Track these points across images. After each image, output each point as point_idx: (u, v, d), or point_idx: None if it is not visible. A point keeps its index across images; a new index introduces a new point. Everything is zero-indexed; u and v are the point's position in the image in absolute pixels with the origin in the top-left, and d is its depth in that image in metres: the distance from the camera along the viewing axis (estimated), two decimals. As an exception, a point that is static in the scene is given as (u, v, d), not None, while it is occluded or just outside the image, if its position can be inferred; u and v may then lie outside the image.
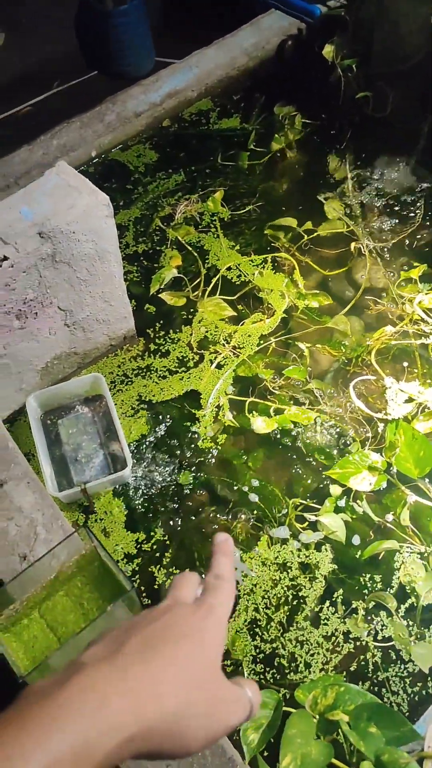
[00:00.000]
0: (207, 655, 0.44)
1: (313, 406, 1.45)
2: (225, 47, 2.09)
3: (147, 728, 0.39)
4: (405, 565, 1.25)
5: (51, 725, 0.36)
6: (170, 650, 0.43)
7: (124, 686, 0.39)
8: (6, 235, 1.20)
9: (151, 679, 0.40)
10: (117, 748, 0.38)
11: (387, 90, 1.81)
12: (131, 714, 0.38)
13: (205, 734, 0.43)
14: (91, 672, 0.40)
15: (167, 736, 0.40)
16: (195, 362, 1.52)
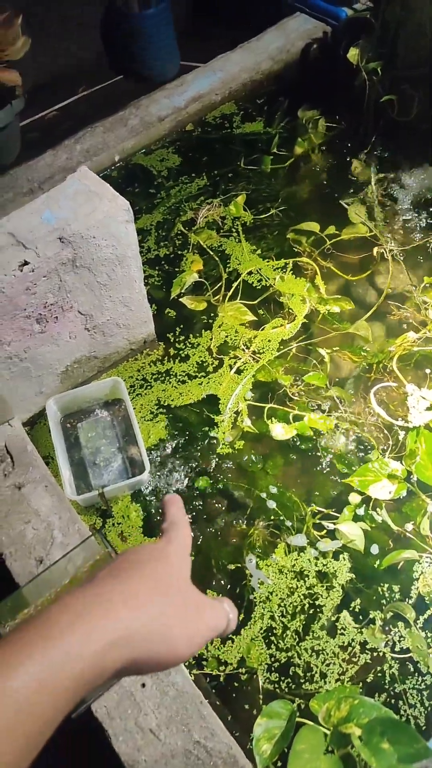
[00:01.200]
0: (176, 571, 0.48)
1: (332, 413, 1.44)
2: (250, 51, 2.09)
3: (127, 633, 0.41)
4: (424, 575, 1.23)
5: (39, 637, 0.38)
6: (139, 570, 0.45)
7: (100, 599, 0.41)
8: (27, 240, 1.21)
9: (126, 592, 0.43)
10: (101, 654, 0.39)
11: (412, 93, 1.78)
12: (109, 620, 0.40)
13: (189, 637, 0.45)
14: (67, 598, 0.41)
15: (151, 641, 0.42)
16: (214, 367, 1.51)
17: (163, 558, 0.48)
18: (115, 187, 1.81)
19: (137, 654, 0.42)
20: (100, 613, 0.41)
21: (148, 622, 0.42)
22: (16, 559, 1.09)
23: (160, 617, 0.43)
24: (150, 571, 0.46)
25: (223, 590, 1.24)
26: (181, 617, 0.45)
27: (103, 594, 0.42)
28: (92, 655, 0.39)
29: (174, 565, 0.48)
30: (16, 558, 1.09)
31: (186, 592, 0.48)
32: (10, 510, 1.15)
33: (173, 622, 0.44)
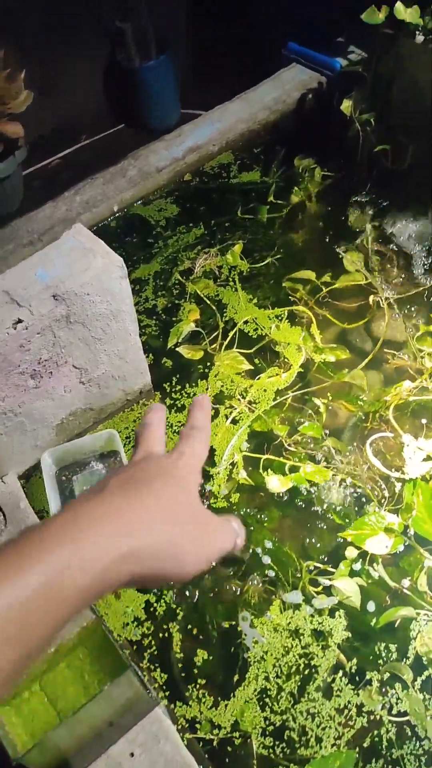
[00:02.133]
0: (185, 488, 0.46)
1: (329, 464, 1.43)
2: (246, 102, 2.13)
3: (138, 547, 0.40)
4: (422, 634, 1.21)
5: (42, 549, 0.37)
6: (149, 486, 0.44)
7: (111, 512, 0.41)
8: (21, 298, 1.23)
9: (136, 506, 0.42)
10: (108, 568, 0.39)
11: (405, 143, 1.81)
12: (121, 534, 0.40)
13: (196, 555, 0.45)
14: (77, 506, 0.41)
15: (159, 559, 0.42)
16: (210, 417, 1.51)
17: (174, 473, 0.47)
18: (114, 237, 1.86)
19: (144, 570, 0.41)
20: (109, 527, 0.40)
21: (157, 539, 0.42)
22: (6, 621, 1.08)
23: (169, 535, 0.43)
24: (160, 486, 0.45)
25: (216, 649, 1.22)
26: (190, 535, 0.45)
27: (114, 508, 0.41)
28: (100, 569, 0.39)
29: (184, 481, 0.47)
30: (6, 620, 1.08)
31: (195, 510, 0.47)
32: (2, 569, 1.14)
33: (182, 540, 0.44)
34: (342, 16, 2.00)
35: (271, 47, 2.27)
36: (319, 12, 2.25)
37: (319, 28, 2.18)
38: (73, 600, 0.38)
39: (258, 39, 2.61)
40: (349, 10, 1.76)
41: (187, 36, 2.79)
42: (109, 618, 1.25)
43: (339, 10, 2.03)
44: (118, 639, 1.22)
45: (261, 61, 2.30)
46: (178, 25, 2.74)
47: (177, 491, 0.46)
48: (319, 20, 2.20)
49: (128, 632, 1.24)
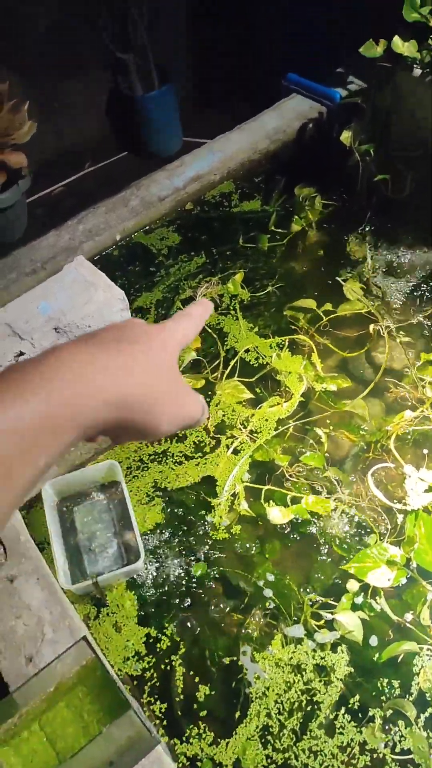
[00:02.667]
0: (169, 352, 0.49)
1: (330, 495, 1.43)
2: (247, 131, 2.16)
3: (124, 395, 0.43)
4: (425, 669, 1.20)
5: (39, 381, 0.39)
6: (135, 343, 0.47)
7: (101, 360, 0.43)
8: (23, 331, 1.23)
9: (126, 360, 0.44)
10: (100, 409, 0.41)
11: (405, 172, 1.83)
12: (109, 380, 0.42)
13: (171, 416, 0.48)
14: (68, 348, 0.43)
15: (140, 411, 0.45)
16: (211, 447, 1.51)
17: (158, 338, 0.49)
18: (116, 266, 1.87)
19: (125, 417, 0.44)
20: (104, 372, 0.42)
21: (140, 391, 0.44)
22: (6, 657, 1.08)
23: (151, 390, 0.45)
24: (146, 347, 0.47)
25: (218, 684, 1.21)
26: (167, 396, 0.47)
27: (108, 356, 0.43)
28: (91, 408, 0.41)
29: (167, 346, 0.49)
30: (6, 656, 1.08)
31: (176, 374, 0.49)
32: (2, 604, 1.14)
33: (162, 399, 0.46)
34: (341, 48, 2.03)
35: (272, 77, 2.30)
36: (318, 43, 2.29)
37: (318, 59, 2.21)
38: (65, 432, 0.39)
39: (258, 69, 2.64)
40: (348, 42, 1.79)
41: (189, 66, 2.83)
42: (110, 652, 1.24)
43: (338, 41, 2.07)
44: (118, 674, 1.22)
45: (261, 91, 2.32)
46: (180, 55, 2.79)
47: (162, 354, 0.48)
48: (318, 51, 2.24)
49: (129, 667, 1.23)
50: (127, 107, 2.59)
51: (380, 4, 1.74)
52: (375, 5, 1.88)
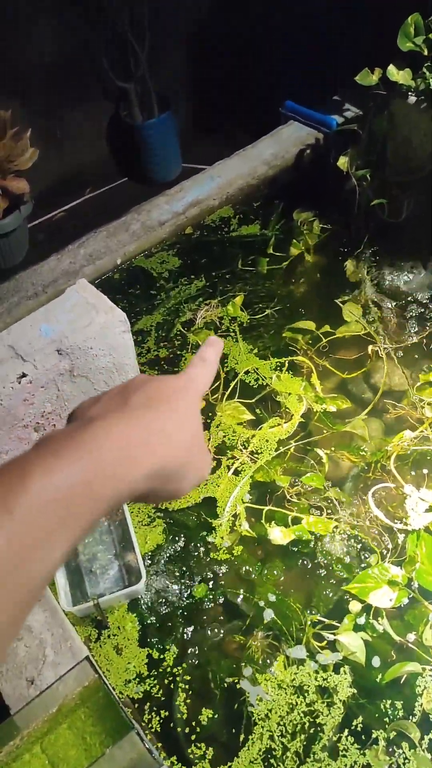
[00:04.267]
0: (194, 407, 0.49)
1: (331, 515, 1.43)
2: (246, 158, 2.19)
3: (161, 467, 0.43)
4: (428, 690, 1.19)
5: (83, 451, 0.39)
6: (168, 402, 0.47)
7: (139, 431, 0.43)
8: (25, 352, 1.25)
9: (160, 427, 0.44)
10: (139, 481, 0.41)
11: (401, 197, 1.86)
12: (148, 453, 0.42)
13: (194, 479, 0.48)
14: (109, 417, 0.43)
15: (172, 478, 0.45)
16: (212, 468, 1.52)
17: (187, 394, 0.49)
18: (117, 289, 1.89)
19: (158, 486, 0.44)
20: (139, 445, 0.42)
21: (175, 461, 0.44)
22: (7, 680, 1.07)
23: (183, 457, 0.45)
24: (177, 406, 0.47)
25: (220, 706, 1.20)
26: (194, 460, 0.47)
27: (144, 427, 0.43)
28: (129, 481, 0.41)
29: (194, 400, 0.49)
30: (7, 678, 1.07)
31: (199, 434, 0.49)
32: (3, 626, 1.13)
33: (190, 462, 0.47)
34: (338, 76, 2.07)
35: (269, 105, 2.35)
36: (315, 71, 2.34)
37: (315, 87, 2.26)
38: (103, 505, 0.39)
39: (256, 97, 2.69)
40: (344, 70, 1.83)
41: (189, 94, 2.88)
42: (111, 675, 1.23)
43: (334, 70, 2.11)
44: (120, 696, 1.21)
45: (259, 118, 2.37)
46: (180, 83, 2.84)
47: (189, 412, 0.48)
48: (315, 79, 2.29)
49: (130, 689, 1.22)
50: (127, 134, 2.63)
51: (375, 33, 1.79)
52: (370, 34, 1.94)
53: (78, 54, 2.45)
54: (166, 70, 2.71)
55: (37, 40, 2.33)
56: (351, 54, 1.93)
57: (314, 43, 2.47)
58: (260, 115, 2.38)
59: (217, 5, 2.69)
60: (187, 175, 2.23)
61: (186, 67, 2.82)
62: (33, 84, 2.40)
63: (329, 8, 2.37)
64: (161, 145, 2.60)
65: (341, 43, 2.31)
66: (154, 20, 2.42)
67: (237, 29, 2.74)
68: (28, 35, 2.31)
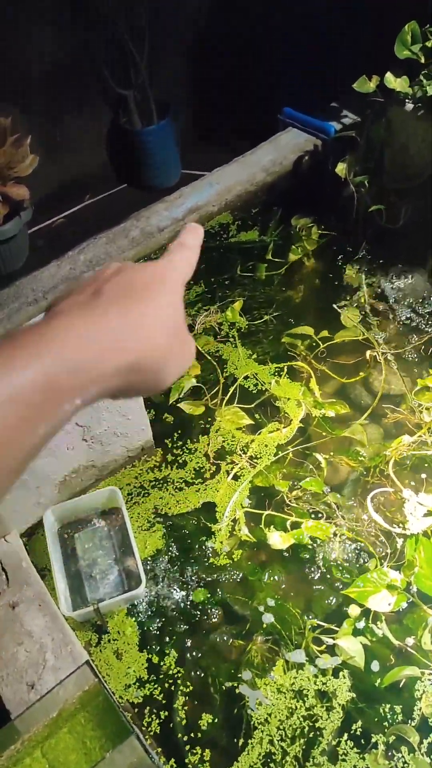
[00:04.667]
0: (177, 299, 0.46)
1: (330, 519, 1.44)
2: (244, 164, 2.20)
3: (134, 363, 0.41)
4: (427, 694, 1.20)
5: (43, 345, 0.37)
6: (145, 295, 0.44)
7: (109, 326, 0.41)
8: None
9: (135, 322, 0.42)
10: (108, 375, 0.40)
11: (399, 203, 1.87)
12: (119, 350, 0.40)
13: (176, 370, 0.46)
14: (75, 311, 0.41)
15: (151, 370, 0.43)
16: (212, 473, 1.52)
17: (166, 282, 0.46)
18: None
19: (134, 379, 0.42)
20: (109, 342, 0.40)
21: (152, 352, 0.43)
22: (7, 684, 1.08)
23: (162, 348, 0.44)
24: (154, 296, 0.44)
25: (220, 710, 1.21)
26: (175, 352, 0.45)
27: (115, 322, 0.41)
28: (97, 375, 0.39)
29: (175, 292, 0.46)
30: (8, 683, 1.08)
31: (183, 324, 0.46)
32: (4, 631, 1.14)
33: (170, 358, 0.44)
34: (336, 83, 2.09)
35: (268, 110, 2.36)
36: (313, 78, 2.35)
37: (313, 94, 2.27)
38: (70, 401, 0.38)
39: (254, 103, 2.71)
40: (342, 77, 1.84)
41: (188, 100, 2.90)
42: (111, 679, 1.24)
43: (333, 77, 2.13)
44: (120, 701, 1.21)
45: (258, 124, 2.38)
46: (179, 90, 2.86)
47: (171, 298, 0.45)
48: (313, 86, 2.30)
49: (130, 694, 1.23)
50: (126, 141, 2.64)
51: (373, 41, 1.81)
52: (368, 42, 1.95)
53: (77, 61, 2.47)
54: (166, 77, 2.72)
55: (37, 47, 2.35)
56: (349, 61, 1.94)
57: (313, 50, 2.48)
58: (259, 121, 2.39)
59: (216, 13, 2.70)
60: (186, 181, 2.24)
61: (185, 74, 2.84)
62: (33, 91, 2.41)
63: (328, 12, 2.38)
64: (160, 151, 2.61)
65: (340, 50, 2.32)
66: (152, 28, 2.44)
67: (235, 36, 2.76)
68: (28, 43, 2.32)
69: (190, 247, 0.52)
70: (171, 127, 2.61)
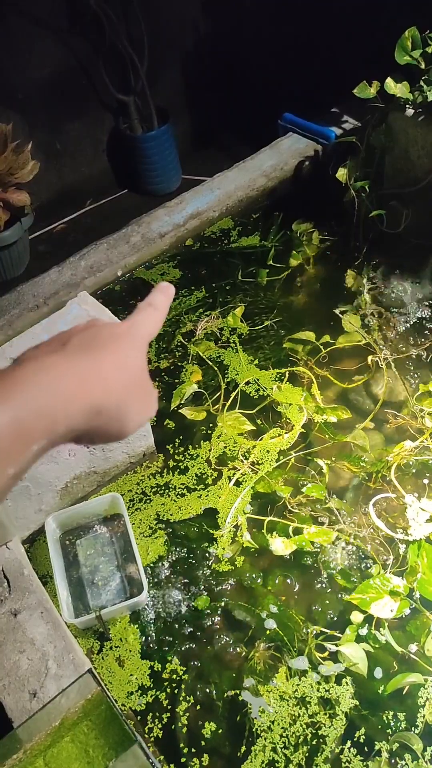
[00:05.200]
0: (137, 349, 0.49)
1: (332, 525, 1.43)
2: (245, 169, 2.21)
3: (97, 405, 0.43)
4: (430, 701, 1.19)
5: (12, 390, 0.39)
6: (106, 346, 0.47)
7: (74, 370, 0.43)
8: (28, 365, 1.25)
9: (97, 367, 0.45)
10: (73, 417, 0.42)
11: (399, 208, 1.87)
12: (82, 389, 0.43)
13: (138, 419, 0.48)
14: (43, 358, 0.43)
15: (112, 417, 0.45)
16: (213, 479, 1.52)
17: (129, 338, 0.49)
18: (118, 301, 1.90)
19: (97, 423, 0.44)
20: (74, 383, 0.42)
21: (113, 398, 0.45)
22: (9, 693, 1.07)
23: (122, 395, 0.46)
24: (116, 348, 0.47)
25: (222, 718, 1.20)
26: (136, 398, 0.48)
27: (77, 366, 0.44)
28: (63, 417, 0.41)
29: (137, 344, 0.50)
30: (10, 691, 1.07)
31: (143, 374, 0.50)
32: (6, 639, 1.14)
33: (132, 401, 0.47)
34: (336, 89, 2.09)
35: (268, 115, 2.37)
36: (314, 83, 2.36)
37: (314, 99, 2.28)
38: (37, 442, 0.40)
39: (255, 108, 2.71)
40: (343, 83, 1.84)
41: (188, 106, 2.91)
42: (113, 687, 1.23)
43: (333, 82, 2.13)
44: (122, 708, 1.21)
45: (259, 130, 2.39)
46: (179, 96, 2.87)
47: (131, 353, 0.48)
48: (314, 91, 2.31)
49: (132, 701, 1.22)
50: (127, 146, 2.65)
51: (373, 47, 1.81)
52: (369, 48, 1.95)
53: (78, 68, 2.48)
54: (166, 83, 2.73)
55: (37, 54, 2.35)
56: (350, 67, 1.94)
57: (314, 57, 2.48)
58: (259, 127, 2.40)
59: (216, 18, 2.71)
60: (187, 186, 2.25)
61: (185, 80, 2.85)
62: (33, 97, 2.42)
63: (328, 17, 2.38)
64: (161, 157, 2.62)
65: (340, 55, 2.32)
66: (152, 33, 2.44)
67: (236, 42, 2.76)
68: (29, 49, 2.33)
69: (158, 307, 0.55)
70: (171, 133, 2.62)
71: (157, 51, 2.52)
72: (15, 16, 2.24)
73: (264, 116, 2.37)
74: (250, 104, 2.77)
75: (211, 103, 2.95)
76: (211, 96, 2.93)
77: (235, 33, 2.75)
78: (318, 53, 2.49)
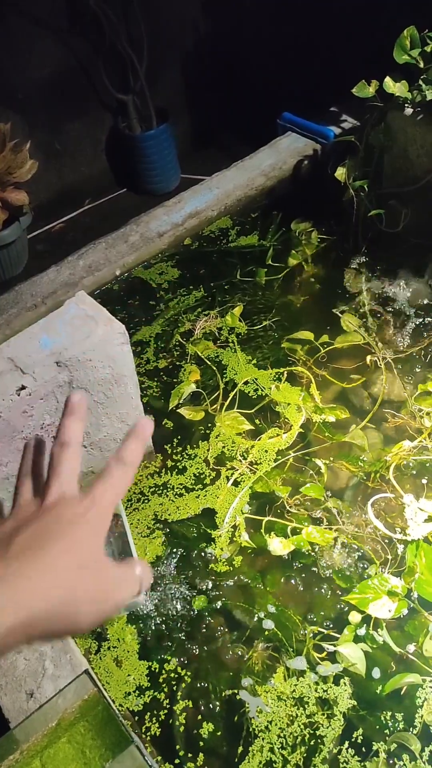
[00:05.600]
0: (92, 542, 0.47)
1: (331, 525, 1.43)
2: (244, 168, 2.21)
3: (28, 618, 0.41)
4: (428, 702, 1.19)
5: None
6: (58, 540, 0.45)
7: (9, 578, 0.41)
8: (25, 365, 1.25)
9: (36, 572, 0.42)
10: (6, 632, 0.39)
11: (399, 207, 1.87)
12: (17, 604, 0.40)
13: (95, 614, 0.45)
14: None
15: (55, 621, 0.43)
16: (212, 479, 1.52)
17: (83, 526, 0.47)
18: (116, 300, 1.90)
19: (38, 634, 0.42)
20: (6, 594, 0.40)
21: (56, 606, 0.42)
22: (6, 693, 1.07)
23: (69, 601, 0.43)
24: (70, 542, 0.45)
25: (220, 718, 1.20)
26: (88, 594, 0.45)
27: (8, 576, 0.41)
28: None
29: (92, 536, 0.47)
30: (6, 691, 1.07)
31: (99, 565, 0.47)
32: (2, 638, 1.13)
33: (82, 605, 0.44)
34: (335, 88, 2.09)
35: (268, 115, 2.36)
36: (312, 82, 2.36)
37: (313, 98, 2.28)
38: None
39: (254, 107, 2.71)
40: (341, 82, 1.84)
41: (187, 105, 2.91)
42: (111, 687, 1.23)
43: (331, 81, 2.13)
44: (119, 709, 1.20)
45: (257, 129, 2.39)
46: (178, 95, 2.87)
47: (84, 545, 0.46)
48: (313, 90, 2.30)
49: (130, 702, 1.22)
50: (126, 146, 2.65)
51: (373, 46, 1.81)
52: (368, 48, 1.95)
53: (78, 68, 2.48)
54: (165, 82, 2.73)
55: (37, 54, 2.35)
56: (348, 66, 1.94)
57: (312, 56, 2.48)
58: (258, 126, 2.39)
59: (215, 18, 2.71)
60: (186, 186, 2.25)
61: (184, 79, 2.85)
62: (33, 97, 2.42)
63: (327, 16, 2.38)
64: (159, 156, 2.62)
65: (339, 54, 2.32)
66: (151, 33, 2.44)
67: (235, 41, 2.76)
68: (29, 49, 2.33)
69: (130, 462, 0.52)
70: (170, 132, 2.61)
71: (157, 51, 2.52)
72: (15, 16, 2.24)
73: (264, 116, 2.37)
74: (250, 104, 2.78)
75: (210, 103, 2.95)
76: (211, 96, 2.93)
77: (235, 33, 2.75)
78: (318, 53, 2.49)
